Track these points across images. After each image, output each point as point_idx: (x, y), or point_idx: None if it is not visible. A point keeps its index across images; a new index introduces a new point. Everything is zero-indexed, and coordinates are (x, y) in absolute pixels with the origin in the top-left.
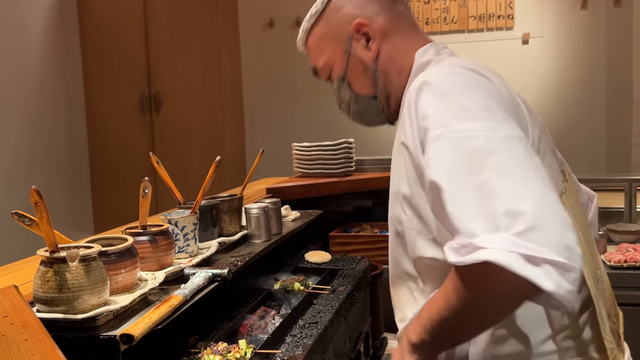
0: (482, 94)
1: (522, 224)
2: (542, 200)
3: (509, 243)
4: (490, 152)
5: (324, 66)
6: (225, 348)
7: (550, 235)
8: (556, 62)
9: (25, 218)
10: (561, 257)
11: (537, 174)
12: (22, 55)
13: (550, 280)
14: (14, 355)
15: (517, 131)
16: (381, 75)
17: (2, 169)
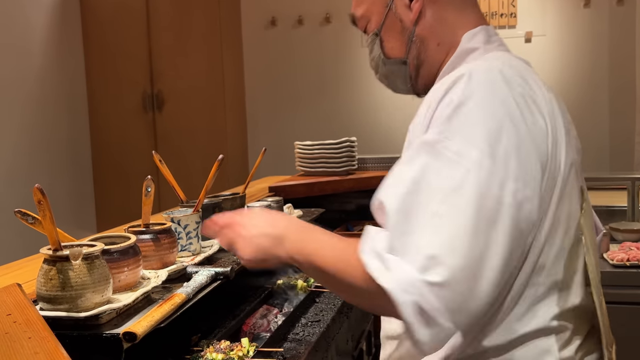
0: (506, 129)
1: (437, 275)
2: (470, 266)
3: (413, 286)
4: (460, 190)
5: (362, 16)
6: (228, 346)
7: (456, 300)
8: (559, 60)
9: (29, 216)
10: (457, 323)
11: (485, 237)
12: (24, 53)
13: (428, 337)
14: (17, 353)
15: (502, 188)
16: (417, 40)
17: (5, 167)
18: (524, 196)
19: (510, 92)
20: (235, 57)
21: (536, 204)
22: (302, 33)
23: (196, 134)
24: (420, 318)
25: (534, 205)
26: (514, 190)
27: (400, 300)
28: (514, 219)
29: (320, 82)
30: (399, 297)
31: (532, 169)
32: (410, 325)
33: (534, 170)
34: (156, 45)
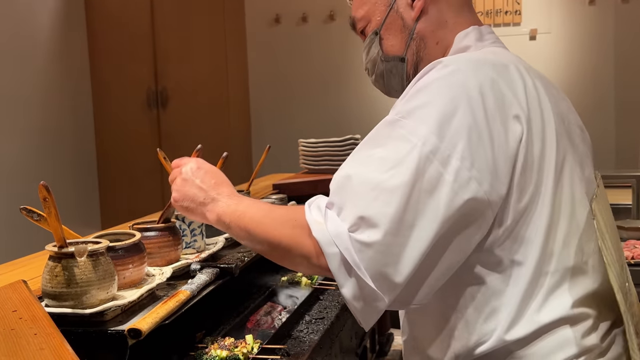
0: (461, 112)
1: (367, 236)
2: (400, 230)
3: (341, 238)
4: (403, 162)
5: (363, 17)
6: (232, 343)
7: (379, 262)
8: (564, 58)
9: (34, 213)
10: (375, 284)
11: (418, 208)
12: (30, 53)
13: (350, 291)
14: (23, 349)
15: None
16: (417, 38)
17: (10, 164)
18: (470, 175)
19: (477, 79)
20: (239, 54)
21: (487, 185)
22: (306, 31)
23: (200, 132)
24: (343, 269)
25: (484, 185)
26: (457, 169)
27: (328, 251)
28: (452, 195)
29: (325, 79)
30: (327, 248)
31: (486, 152)
32: (335, 276)
33: (488, 154)
34: (160, 43)
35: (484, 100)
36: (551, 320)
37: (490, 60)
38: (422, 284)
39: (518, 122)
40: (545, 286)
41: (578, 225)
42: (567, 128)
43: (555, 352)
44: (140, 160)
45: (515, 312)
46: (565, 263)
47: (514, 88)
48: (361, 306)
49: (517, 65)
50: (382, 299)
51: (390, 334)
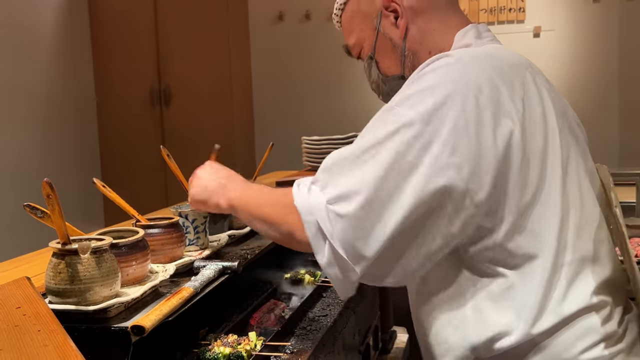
0: (451, 102)
1: (341, 208)
2: (371, 207)
3: (319, 209)
4: (384, 143)
5: (355, 44)
6: (236, 340)
7: (350, 234)
8: (568, 55)
9: (37, 210)
10: (344, 253)
11: (391, 188)
12: (33, 49)
13: (324, 258)
14: (26, 345)
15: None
16: (410, 54)
17: (14, 162)
18: (449, 162)
19: (476, 72)
20: (242, 52)
21: (466, 173)
22: (310, 28)
23: (203, 129)
24: (320, 237)
25: (463, 173)
26: (437, 154)
27: (305, 219)
28: (426, 180)
29: (328, 76)
30: (305, 216)
31: (470, 142)
32: (312, 244)
33: (472, 144)
34: (164, 41)
35: (478, 93)
36: (575, 310)
37: (493, 56)
38: (394, 262)
39: (509, 120)
40: (564, 277)
41: (587, 215)
42: (569, 123)
43: (579, 340)
44: (143, 157)
45: (539, 305)
46: (581, 253)
47: (512, 86)
48: (334, 274)
49: (520, 63)
50: (353, 270)
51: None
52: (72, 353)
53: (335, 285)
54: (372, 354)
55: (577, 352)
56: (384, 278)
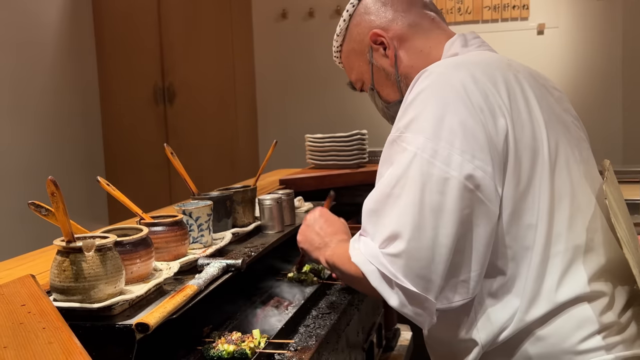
0: (450, 111)
1: (394, 249)
2: (421, 235)
3: (375, 257)
4: (407, 172)
5: (356, 79)
6: (240, 337)
7: (412, 267)
8: (572, 52)
9: (42, 208)
10: (416, 287)
11: (432, 209)
12: (37, 48)
13: (397, 300)
14: (32, 342)
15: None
16: (403, 78)
17: (19, 160)
18: (474, 166)
19: (459, 77)
20: (246, 50)
21: (491, 170)
22: (313, 26)
23: (207, 127)
24: (384, 283)
25: (488, 170)
26: (460, 163)
27: (365, 270)
28: (462, 188)
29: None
30: (364, 267)
31: (481, 142)
32: (379, 290)
33: (483, 143)
34: (167, 39)
35: (469, 96)
36: (569, 298)
37: (470, 61)
38: (465, 276)
39: (501, 113)
40: (557, 266)
41: (579, 205)
42: (557, 115)
43: (575, 330)
44: (147, 156)
45: (532, 293)
46: (574, 242)
47: (495, 83)
48: (412, 311)
49: (498, 62)
50: (427, 299)
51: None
52: (77, 350)
53: (417, 321)
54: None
55: (575, 342)
56: (457, 296)
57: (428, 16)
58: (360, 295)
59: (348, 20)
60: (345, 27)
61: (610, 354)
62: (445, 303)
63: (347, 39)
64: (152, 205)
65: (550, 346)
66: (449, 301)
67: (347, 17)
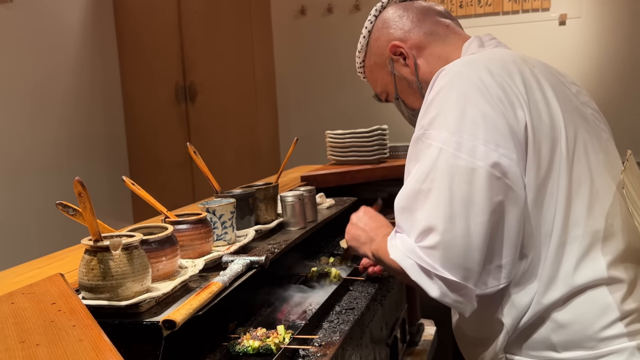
0: (470, 104)
1: (429, 241)
2: (454, 226)
3: (412, 251)
4: (435, 167)
5: (381, 91)
6: (264, 333)
7: (449, 257)
8: (595, 43)
9: (69, 208)
10: (454, 276)
11: (462, 200)
12: (60, 49)
13: (437, 290)
14: (63, 340)
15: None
16: (424, 85)
17: (44, 160)
18: (499, 154)
19: (476, 71)
20: (265, 47)
21: (515, 157)
22: (332, 21)
23: (228, 125)
24: (424, 275)
25: (512, 157)
26: (485, 152)
27: (404, 265)
28: (490, 177)
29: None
30: (403, 262)
31: (503, 130)
32: (419, 283)
33: (505, 132)
34: (188, 38)
35: (488, 88)
36: (586, 281)
37: (486, 57)
38: (500, 261)
39: (519, 104)
40: (576, 249)
41: (598, 192)
42: (575, 106)
43: (598, 317)
44: (170, 154)
45: (549, 276)
46: (593, 227)
47: (511, 75)
48: (453, 299)
49: (514, 57)
50: (467, 287)
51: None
52: (107, 347)
53: (458, 308)
54: (399, 346)
55: (598, 328)
56: (493, 281)
57: (443, 23)
58: (383, 291)
59: (368, 36)
60: (365, 43)
61: (633, 341)
62: (482, 288)
63: (369, 53)
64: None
65: (574, 333)
66: (486, 287)
67: (366, 34)
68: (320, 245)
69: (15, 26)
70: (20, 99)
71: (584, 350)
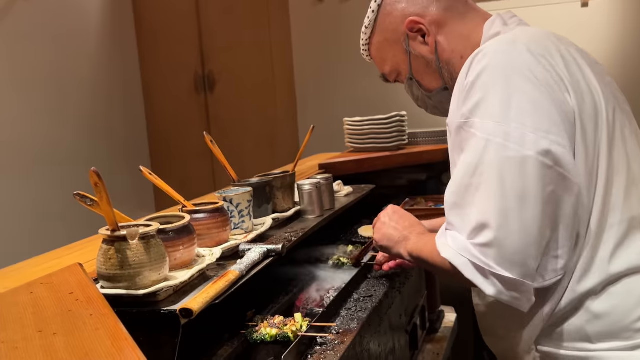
0: (516, 89)
1: (483, 238)
2: (508, 221)
3: (465, 249)
4: (483, 159)
5: (390, 71)
6: (282, 321)
7: (504, 255)
8: (620, 26)
9: (87, 199)
10: (512, 273)
11: (515, 193)
12: (79, 39)
13: (493, 288)
14: (79, 330)
15: (522, 143)
16: (444, 65)
17: (65, 151)
18: (550, 141)
19: (518, 53)
20: (283, 34)
21: (567, 143)
22: (350, 8)
23: (247, 114)
24: (478, 274)
25: (564, 143)
26: (535, 141)
27: (457, 263)
28: (542, 166)
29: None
30: (456, 260)
31: (552, 116)
32: (474, 282)
33: (555, 117)
34: (206, 27)
35: (533, 71)
36: (622, 269)
37: (524, 36)
38: (557, 252)
39: (564, 86)
40: (613, 237)
41: (634, 176)
42: (610, 86)
43: (634, 308)
44: (190, 144)
45: (585, 264)
46: (630, 213)
47: (552, 55)
48: (509, 296)
49: (547, 35)
50: (524, 283)
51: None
52: (123, 336)
53: (516, 305)
54: (419, 333)
55: (635, 319)
56: (550, 274)
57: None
58: (402, 279)
59: (377, 11)
60: (374, 19)
61: None
62: (540, 282)
63: (378, 30)
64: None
65: (610, 324)
66: (544, 280)
67: (375, 8)
68: (338, 233)
69: (34, 16)
70: (40, 89)
71: (620, 341)
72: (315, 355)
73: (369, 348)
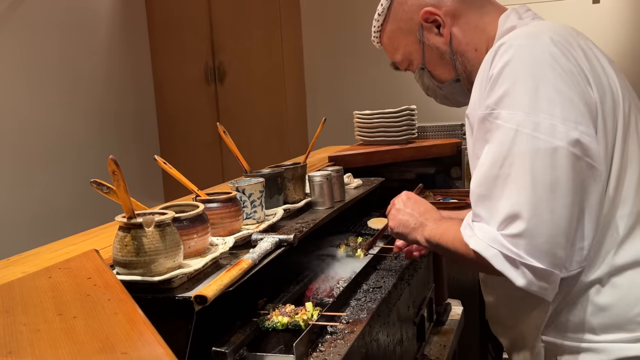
0: (543, 80)
1: (514, 229)
2: (539, 212)
3: (495, 240)
4: (512, 150)
5: (402, 60)
6: (293, 310)
7: (536, 245)
8: (632, 22)
9: (104, 186)
10: (542, 263)
11: (546, 184)
12: (91, 29)
13: (523, 279)
14: (98, 313)
15: (553, 134)
16: (458, 56)
17: (77, 141)
18: (579, 132)
19: (542, 44)
20: (293, 26)
21: (593, 131)
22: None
23: (257, 105)
24: (508, 264)
25: (591, 133)
26: (565, 131)
27: (488, 254)
28: (572, 157)
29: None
30: (486, 252)
31: (579, 106)
32: (504, 273)
33: (582, 107)
34: (217, 18)
35: (558, 62)
36: (627, 261)
37: (547, 28)
38: (582, 243)
39: (585, 77)
40: (621, 228)
41: None
42: (625, 82)
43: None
44: (200, 134)
45: (592, 255)
46: (639, 206)
47: (573, 47)
48: (538, 287)
49: (566, 28)
50: (553, 273)
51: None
52: (141, 320)
53: (542, 294)
54: (426, 325)
55: (639, 311)
56: (575, 264)
57: None
58: (411, 270)
59: (391, 0)
60: (387, 6)
61: None
62: (565, 273)
63: (391, 18)
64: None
65: (615, 316)
66: (568, 271)
67: None
68: (347, 225)
69: (45, 9)
70: (52, 79)
71: (625, 332)
72: (325, 343)
73: (377, 338)
